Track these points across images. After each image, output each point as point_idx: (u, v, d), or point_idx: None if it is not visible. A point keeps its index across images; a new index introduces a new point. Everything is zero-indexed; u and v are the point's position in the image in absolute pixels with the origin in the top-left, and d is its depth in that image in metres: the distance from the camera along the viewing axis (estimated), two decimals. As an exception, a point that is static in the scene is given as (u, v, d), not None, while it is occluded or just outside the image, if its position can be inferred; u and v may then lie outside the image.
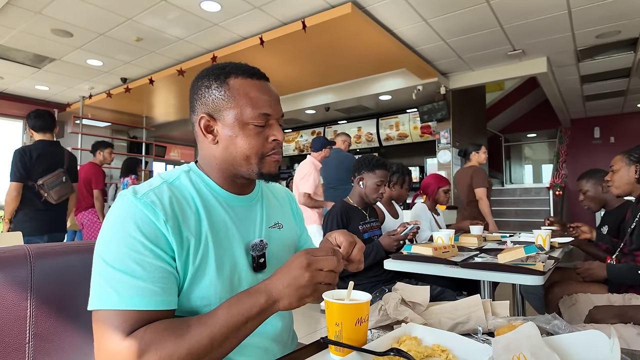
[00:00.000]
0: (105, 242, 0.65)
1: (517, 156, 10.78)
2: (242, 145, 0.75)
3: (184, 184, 0.76)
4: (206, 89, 0.77)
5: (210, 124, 0.77)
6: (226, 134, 0.76)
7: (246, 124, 0.75)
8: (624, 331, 1.36)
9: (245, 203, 0.82)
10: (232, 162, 0.77)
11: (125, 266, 0.62)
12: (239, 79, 0.76)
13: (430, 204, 2.85)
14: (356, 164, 2.14)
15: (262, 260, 0.80)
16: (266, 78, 0.81)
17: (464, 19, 3.91)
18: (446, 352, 0.64)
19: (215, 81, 0.77)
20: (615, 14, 3.78)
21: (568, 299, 1.77)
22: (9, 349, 0.69)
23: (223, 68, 0.78)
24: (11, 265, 0.73)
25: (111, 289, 0.61)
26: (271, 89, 0.80)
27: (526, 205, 7.15)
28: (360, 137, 7.52)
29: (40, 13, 3.80)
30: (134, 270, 0.62)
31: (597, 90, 6.60)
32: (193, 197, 0.74)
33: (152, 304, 0.62)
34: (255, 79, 0.78)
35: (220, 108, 0.76)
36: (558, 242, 2.08)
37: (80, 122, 6.73)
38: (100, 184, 3.93)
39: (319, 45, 4.27)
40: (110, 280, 0.62)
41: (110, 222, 0.67)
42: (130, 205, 0.67)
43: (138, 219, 0.66)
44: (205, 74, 0.79)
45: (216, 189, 0.79)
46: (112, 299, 0.61)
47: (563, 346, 0.59)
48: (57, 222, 2.92)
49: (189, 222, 0.70)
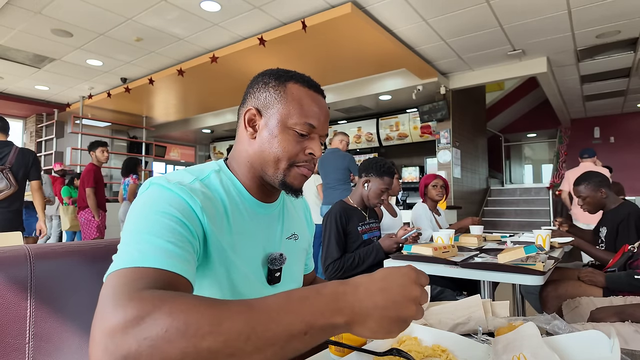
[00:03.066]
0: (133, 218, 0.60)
1: (517, 156, 10.78)
2: (277, 147, 0.73)
3: (214, 183, 0.73)
4: (263, 85, 0.77)
5: (254, 118, 0.76)
6: (266, 132, 0.74)
7: (289, 128, 0.74)
8: (622, 329, 1.37)
9: (268, 211, 0.81)
10: (261, 162, 0.75)
11: (153, 229, 0.57)
12: (298, 85, 0.76)
13: (430, 204, 2.85)
14: (365, 165, 2.09)
15: (278, 274, 0.79)
16: (323, 94, 0.81)
17: (464, 19, 3.91)
18: (446, 352, 0.64)
19: (275, 80, 0.77)
20: (615, 14, 3.78)
21: (571, 302, 1.77)
22: (9, 349, 0.69)
23: (287, 72, 0.78)
24: (11, 265, 0.73)
25: (134, 250, 0.54)
26: (324, 105, 0.79)
27: (526, 205, 7.15)
28: (360, 137, 7.52)
29: (40, 13, 3.80)
30: (162, 234, 0.57)
31: (597, 90, 6.60)
32: (222, 199, 0.72)
33: (179, 268, 0.54)
34: (313, 90, 0.78)
35: (269, 105, 0.75)
36: (558, 242, 2.08)
37: (80, 122, 6.74)
38: (91, 183, 3.97)
39: (319, 45, 4.26)
40: (135, 243, 0.55)
41: (138, 205, 0.62)
42: (165, 189, 0.63)
43: (173, 199, 0.62)
44: (269, 72, 0.79)
45: (244, 193, 0.77)
46: (134, 257, 0.52)
47: (563, 346, 0.59)
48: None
49: (217, 220, 0.68)
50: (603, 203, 2.19)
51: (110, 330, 0.41)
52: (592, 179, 2.19)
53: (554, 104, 7.03)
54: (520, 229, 6.10)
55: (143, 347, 0.40)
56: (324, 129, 0.78)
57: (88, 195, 3.98)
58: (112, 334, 0.41)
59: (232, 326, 0.42)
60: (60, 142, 7.51)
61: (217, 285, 0.69)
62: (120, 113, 7.41)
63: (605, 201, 2.18)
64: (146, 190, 0.65)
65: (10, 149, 3.03)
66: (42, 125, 7.66)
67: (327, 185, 3.94)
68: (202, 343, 0.40)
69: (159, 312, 0.42)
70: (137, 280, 0.48)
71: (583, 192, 2.21)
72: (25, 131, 8.09)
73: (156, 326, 0.41)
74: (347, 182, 3.94)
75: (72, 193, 5.41)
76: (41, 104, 7.04)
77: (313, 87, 0.78)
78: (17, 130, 8.02)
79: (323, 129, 0.77)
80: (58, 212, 5.70)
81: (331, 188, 3.89)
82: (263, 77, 0.78)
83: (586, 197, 2.20)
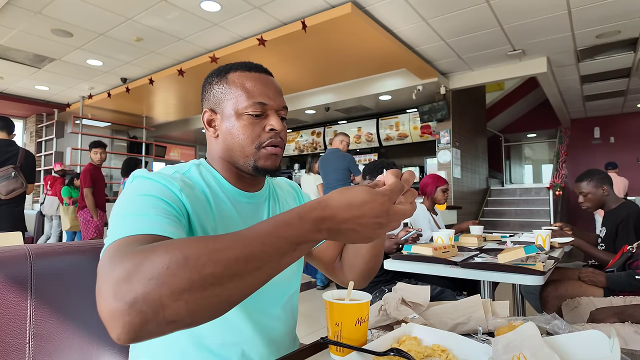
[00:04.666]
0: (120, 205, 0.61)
1: (517, 156, 10.78)
2: (237, 135, 0.75)
3: (195, 176, 0.76)
4: (208, 85, 0.80)
5: (211, 117, 0.79)
6: (225, 127, 0.77)
7: (242, 114, 0.75)
8: (621, 329, 1.37)
9: (252, 200, 0.82)
10: (230, 154, 0.77)
11: (140, 209, 0.59)
12: (237, 72, 0.78)
13: (429, 204, 2.85)
14: (370, 167, 2.07)
15: None
16: (267, 72, 0.81)
17: (464, 19, 3.91)
18: (446, 352, 0.64)
19: (216, 77, 0.79)
20: (615, 14, 3.78)
21: (571, 302, 1.78)
22: (9, 349, 0.69)
23: (226, 65, 0.80)
24: (11, 265, 0.73)
25: (124, 227, 0.54)
26: (270, 80, 0.80)
27: (526, 205, 7.15)
28: (360, 137, 7.52)
29: (40, 13, 3.80)
30: (148, 210, 0.59)
31: (597, 90, 6.60)
32: (202, 189, 0.75)
33: (170, 232, 0.55)
34: (253, 71, 0.79)
35: (219, 101, 0.78)
36: (558, 242, 2.08)
37: (80, 122, 6.73)
38: (88, 182, 3.99)
39: (319, 45, 4.27)
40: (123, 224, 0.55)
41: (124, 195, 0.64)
42: (147, 179, 0.66)
43: (157, 185, 0.65)
44: (211, 73, 0.82)
45: (224, 183, 0.79)
46: (126, 229, 0.54)
47: (563, 346, 0.59)
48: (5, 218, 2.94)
49: (200, 208, 0.70)
50: (604, 201, 2.19)
51: (114, 283, 0.43)
52: (595, 176, 2.19)
53: (554, 104, 7.03)
54: (520, 229, 6.09)
55: (150, 287, 0.41)
56: (279, 103, 0.78)
57: (86, 195, 3.99)
58: (118, 286, 0.42)
59: (229, 253, 0.45)
60: (60, 142, 7.51)
61: None
62: (120, 113, 7.41)
63: (606, 199, 2.18)
64: (128, 184, 0.68)
65: (18, 148, 3.06)
66: (42, 125, 7.67)
67: (327, 185, 3.95)
68: (204, 270, 0.43)
69: (155, 254, 0.44)
70: (130, 243, 0.50)
71: (585, 188, 2.21)
72: (25, 131, 8.09)
73: (157, 265, 0.42)
74: (347, 182, 3.95)
75: (72, 193, 5.41)
76: (41, 104, 7.04)
77: (253, 69, 0.79)
78: (17, 131, 8.01)
79: (276, 103, 0.78)
80: (58, 212, 5.70)
81: (331, 188, 3.90)
82: (208, 79, 0.81)
83: (587, 193, 2.20)
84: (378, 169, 2.03)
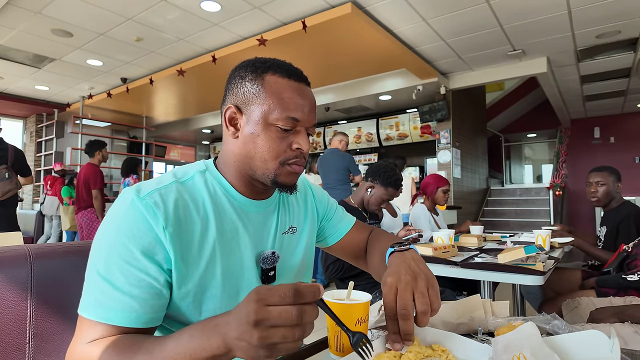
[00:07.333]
0: (98, 245, 0.64)
1: (517, 156, 10.77)
2: (261, 146, 0.70)
3: (197, 185, 0.71)
4: (240, 80, 0.72)
5: (235, 116, 0.72)
6: (248, 130, 0.70)
7: (271, 125, 0.69)
8: (621, 330, 1.37)
9: (261, 209, 0.78)
10: (248, 162, 0.71)
11: (110, 274, 0.61)
12: (276, 76, 0.71)
13: (429, 204, 2.85)
14: (374, 170, 2.05)
15: (272, 273, 0.76)
16: (307, 82, 0.75)
17: (464, 19, 3.91)
18: (446, 352, 0.64)
19: (251, 73, 0.71)
20: (615, 14, 3.78)
21: (571, 302, 1.78)
22: (9, 349, 0.69)
23: (264, 62, 0.72)
24: (11, 265, 0.73)
25: (91, 297, 0.61)
26: (307, 93, 0.73)
27: (526, 205, 7.15)
28: (360, 137, 7.52)
29: (40, 13, 3.80)
30: (117, 279, 0.61)
31: (597, 90, 6.59)
32: (204, 201, 0.70)
33: (126, 320, 0.60)
34: (293, 80, 0.72)
35: (249, 102, 0.70)
36: (558, 242, 2.08)
37: (80, 122, 6.73)
38: (99, 184, 3.94)
39: (319, 46, 4.27)
40: (94, 287, 0.62)
41: (107, 223, 0.64)
42: (130, 205, 0.63)
43: (135, 225, 0.62)
44: (245, 65, 0.73)
45: (232, 192, 0.74)
46: (90, 306, 0.61)
47: (563, 346, 0.59)
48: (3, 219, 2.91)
49: (194, 228, 0.67)
50: (612, 196, 2.24)
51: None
52: (616, 172, 2.27)
53: (554, 104, 7.03)
54: (521, 229, 6.09)
55: None
56: (310, 120, 0.73)
57: (95, 196, 3.93)
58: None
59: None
60: (60, 142, 7.51)
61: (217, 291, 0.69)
62: (120, 113, 7.40)
63: (615, 196, 2.24)
64: (117, 201, 0.66)
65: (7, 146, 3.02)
66: (42, 125, 7.66)
67: (327, 185, 3.94)
68: None
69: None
70: (89, 330, 0.61)
71: (604, 178, 2.25)
72: (25, 131, 8.09)
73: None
74: (346, 182, 3.94)
75: (72, 193, 5.40)
76: (41, 104, 7.03)
77: (294, 76, 0.72)
78: (17, 130, 8.02)
79: (309, 120, 0.72)
80: (58, 212, 5.69)
81: (331, 188, 3.89)
82: (239, 71, 0.73)
83: (605, 183, 2.24)
84: (381, 173, 2.02)
